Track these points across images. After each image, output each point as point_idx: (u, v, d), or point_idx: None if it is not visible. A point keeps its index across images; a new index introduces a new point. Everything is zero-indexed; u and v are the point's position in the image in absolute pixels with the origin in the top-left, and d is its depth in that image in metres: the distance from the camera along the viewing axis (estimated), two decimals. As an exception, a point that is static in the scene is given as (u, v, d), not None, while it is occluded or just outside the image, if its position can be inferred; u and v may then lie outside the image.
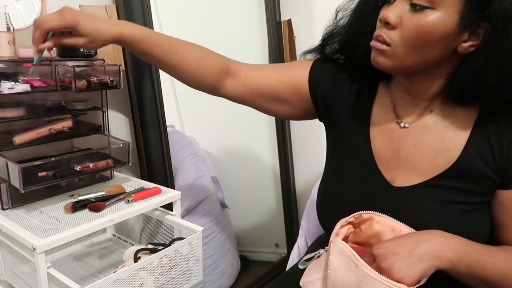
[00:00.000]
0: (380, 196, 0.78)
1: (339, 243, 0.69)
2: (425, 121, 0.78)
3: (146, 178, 1.20)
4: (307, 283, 0.76)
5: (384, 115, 0.82)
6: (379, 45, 0.71)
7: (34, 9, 0.95)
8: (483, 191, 0.74)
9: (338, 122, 0.87)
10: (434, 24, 0.66)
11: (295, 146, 1.76)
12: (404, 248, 0.66)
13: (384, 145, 0.80)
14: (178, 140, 1.52)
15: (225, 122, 1.73)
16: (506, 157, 0.72)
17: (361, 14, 0.78)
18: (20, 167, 0.82)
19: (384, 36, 0.70)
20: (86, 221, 0.83)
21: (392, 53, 0.70)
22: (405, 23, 0.68)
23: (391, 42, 0.69)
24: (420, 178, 0.76)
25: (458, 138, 0.75)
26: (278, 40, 1.62)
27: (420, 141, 0.77)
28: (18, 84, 0.83)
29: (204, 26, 1.60)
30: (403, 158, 0.78)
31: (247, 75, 0.90)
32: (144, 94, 1.17)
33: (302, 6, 1.60)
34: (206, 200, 1.50)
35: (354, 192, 0.81)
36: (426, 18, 0.66)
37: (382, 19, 0.70)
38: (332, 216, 0.80)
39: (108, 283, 0.76)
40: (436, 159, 0.76)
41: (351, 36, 0.80)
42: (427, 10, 0.66)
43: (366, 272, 0.64)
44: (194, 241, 0.93)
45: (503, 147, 0.72)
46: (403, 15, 0.68)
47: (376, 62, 0.73)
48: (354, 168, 0.83)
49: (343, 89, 0.86)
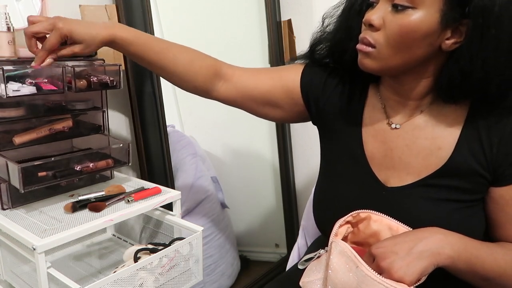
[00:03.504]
0: (374, 197, 0.79)
1: (341, 244, 0.69)
2: (415, 121, 0.79)
3: (146, 178, 1.20)
4: (307, 283, 0.76)
5: (375, 116, 0.83)
6: (365, 47, 0.72)
7: (34, 9, 0.95)
8: (475, 189, 0.75)
9: (331, 125, 0.88)
10: (417, 23, 0.67)
11: (295, 146, 1.76)
12: (403, 247, 0.66)
13: (376, 146, 0.81)
14: (178, 140, 1.52)
15: (225, 122, 1.73)
16: (496, 154, 0.73)
17: (347, 19, 0.79)
18: (20, 167, 0.82)
19: (368, 38, 0.71)
20: (86, 221, 0.83)
21: (378, 54, 0.71)
22: (388, 24, 0.69)
23: (376, 44, 0.71)
24: (413, 177, 0.77)
25: (449, 137, 0.76)
26: (278, 40, 1.62)
27: (412, 141, 0.78)
28: (25, 86, 0.82)
29: (204, 26, 1.60)
30: (396, 158, 0.79)
31: (239, 78, 0.91)
32: (144, 94, 1.17)
33: (302, 6, 1.60)
34: (206, 200, 1.50)
35: (348, 194, 0.82)
36: (408, 17, 0.67)
37: (366, 21, 0.71)
38: (328, 217, 0.81)
39: (108, 283, 0.76)
40: (428, 158, 0.77)
41: (339, 41, 0.82)
42: (408, 10, 0.67)
43: (366, 273, 0.64)
44: (194, 241, 0.93)
45: (493, 144, 0.73)
46: (386, 16, 0.69)
47: (363, 64, 0.74)
48: (348, 169, 0.84)
49: (334, 92, 0.87)
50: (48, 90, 0.85)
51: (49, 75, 0.86)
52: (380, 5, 0.70)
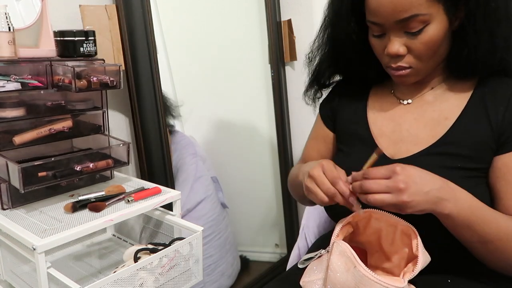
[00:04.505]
0: None
1: (342, 244, 0.70)
2: (425, 97, 0.84)
3: (146, 178, 1.20)
4: (308, 283, 0.77)
5: (384, 99, 0.89)
6: (403, 72, 0.78)
7: (35, 9, 0.95)
8: (480, 157, 0.76)
9: (341, 120, 0.93)
10: (435, 34, 0.73)
11: (295, 146, 1.76)
12: (425, 186, 0.65)
13: (385, 124, 0.86)
14: (178, 140, 1.52)
15: (225, 122, 1.73)
16: (502, 121, 0.75)
17: (343, 47, 0.85)
18: (20, 167, 0.82)
19: (402, 64, 0.77)
20: (86, 221, 0.83)
21: (415, 71, 0.78)
22: (413, 47, 0.74)
23: (410, 65, 0.77)
24: (420, 147, 0.79)
25: (456, 108, 0.79)
26: (278, 40, 1.62)
27: (420, 115, 0.82)
28: (10, 82, 0.83)
29: (204, 26, 1.60)
30: (404, 131, 0.83)
31: None
32: (144, 94, 1.17)
33: (302, 6, 1.60)
34: (206, 200, 1.50)
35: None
36: (427, 35, 0.72)
37: (393, 55, 0.76)
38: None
39: (108, 283, 0.76)
40: (435, 128, 0.79)
41: (345, 65, 0.89)
42: (424, 27, 0.72)
43: (363, 273, 0.65)
44: (194, 241, 0.93)
45: (499, 112, 0.75)
46: (407, 42, 0.74)
47: (406, 82, 0.81)
48: (355, 151, 0.88)
49: (341, 99, 0.95)
50: (33, 87, 0.87)
51: (34, 72, 0.88)
52: (393, 35, 0.75)
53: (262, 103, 1.72)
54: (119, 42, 1.12)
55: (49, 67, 0.90)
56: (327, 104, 0.98)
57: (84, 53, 0.95)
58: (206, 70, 1.65)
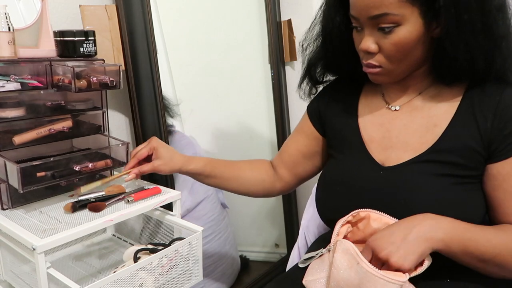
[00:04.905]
0: (372, 177, 0.81)
1: (345, 242, 0.71)
2: (414, 102, 0.83)
3: (146, 178, 1.20)
4: (311, 282, 0.77)
5: (373, 104, 0.89)
6: (372, 70, 0.79)
7: (35, 9, 0.95)
8: (470, 165, 0.76)
9: (330, 125, 0.94)
10: (406, 36, 0.72)
11: (295, 146, 1.75)
12: (398, 236, 0.69)
13: (375, 130, 0.86)
14: (178, 140, 1.52)
15: (225, 122, 1.73)
16: (490, 129, 0.74)
17: (330, 41, 0.86)
18: (18, 167, 0.82)
19: (372, 62, 0.78)
20: (86, 221, 0.83)
21: (385, 71, 0.78)
22: (383, 46, 0.75)
23: (380, 64, 0.77)
24: (410, 155, 0.79)
25: (445, 115, 0.79)
26: (278, 40, 1.62)
27: (409, 121, 0.82)
28: (10, 82, 0.83)
29: (204, 26, 1.60)
30: (394, 138, 0.83)
31: (283, 173, 1.02)
32: (144, 94, 1.17)
33: (302, 6, 1.60)
34: (206, 200, 1.50)
35: (348, 178, 0.85)
36: (398, 35, 0.72)
37: (363, 50, 0.77)
38: (330, 205, 0.85)
39: (108, 283, 0.76)
40: (425, 136, 0.79)
41: (332, 58, 0.90)
42: (395, 28, 0.72)
43: (366, 269, 0.66)
44: (194, 241, 0.93)
45: (487, 119, 0.75)
46: (378, 41, 0.75)
47: (376, 81, 0.82)
48: (346, 157, 0.88)
49: (331, 101, 0.95)
50: (32, 87, 0.88)
51: (34, 72, 0.88)
52: (367, 31, 0.75)
53: (262, 103, 1.72)
54: (119, 42, 1.12)
55: (49, 67, 0.90)
56: (315, 103, 0.99)
57: (84, 53, 0.95)
58: (206, 70, 1.65)
